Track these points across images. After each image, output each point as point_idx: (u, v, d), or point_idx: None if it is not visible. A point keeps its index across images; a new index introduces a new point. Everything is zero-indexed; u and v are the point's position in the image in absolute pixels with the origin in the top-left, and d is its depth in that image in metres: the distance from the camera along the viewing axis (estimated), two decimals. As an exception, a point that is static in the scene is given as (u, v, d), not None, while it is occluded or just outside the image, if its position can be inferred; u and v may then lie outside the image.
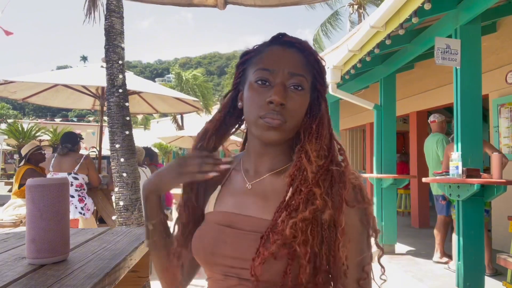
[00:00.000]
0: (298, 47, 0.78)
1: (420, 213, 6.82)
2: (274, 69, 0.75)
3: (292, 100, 0.74)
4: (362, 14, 15.66)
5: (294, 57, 0.77)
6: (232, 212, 0.78)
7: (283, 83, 0.74)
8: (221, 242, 0.75)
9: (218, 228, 0.77)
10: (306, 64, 0.78)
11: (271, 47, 0.79)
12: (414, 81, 6.59)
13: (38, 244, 0.87)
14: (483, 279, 3.10)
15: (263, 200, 0.77)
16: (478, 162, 3.14)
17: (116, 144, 2.70)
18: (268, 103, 0.73)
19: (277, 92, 0.72)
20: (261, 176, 0.80)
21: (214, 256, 0.75)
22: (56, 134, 11.47)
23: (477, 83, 3.23)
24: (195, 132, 10.57)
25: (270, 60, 0.76)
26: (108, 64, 2.78)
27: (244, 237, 0.73)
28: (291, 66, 0.76)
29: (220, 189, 0.84)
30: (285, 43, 0.78)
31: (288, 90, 0.74)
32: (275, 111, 0.72)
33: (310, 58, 0.78)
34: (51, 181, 0.90)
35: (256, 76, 0.76)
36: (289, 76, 0.75)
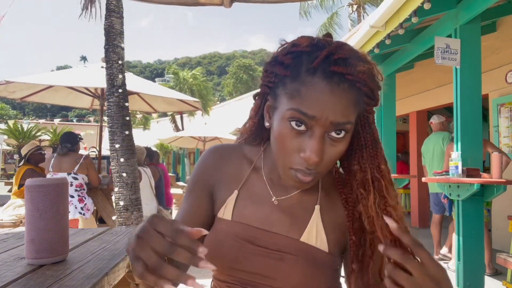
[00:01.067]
0: (351, 80, 0.60)
1: (420, 213, 6.82)
2: (315, 116, 0.59)
3: (329, 151, 0.62)
4: (362, 14, 15.66)
5: (342, 101, 0.60)
6: (256, 227, 0.72)
7: (322, 135, 0.61)
8: (242, 259, 0.70)
9: (240, 243, 0.71)
10: (357, 99, 0.62)
11: (313, 79, 0.60)
12: (414, 81, 6.59)
13: (37, 244, 0.87)
14: (483, 279, 3.10)
15: (290, 217, 0.72)
16: (478, 162, 3.14)
17: (116, 144, 2.70)
18: (302, 159, 0.62)
19: (314, 150, 0.60)
20: (288, 191, 0.74)
21: (233, 271, 0.71)
22: (56, 134, 11.48)
23: (477, 82, 3.23)
24: (195, 132, 10.53)
25: (312, 102, 0.59)
26: (108, 64, 2.78)
27: (268, 255, 0.70)
28: (337, 115, 0.60)
29: (238, 194, 0.75)
30: (334, 75, 0.59)
31: (326, 138, 0.62)
32: (307, 168, 0.62)
33: (363, 90, 0.62)
34: (50, 181, 0.89)
35: (293, 114, 0.61)
36: (332, 126, 0.61)
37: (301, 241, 0.70)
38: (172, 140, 11.52)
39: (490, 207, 3.87)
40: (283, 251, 0.69)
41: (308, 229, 0.70)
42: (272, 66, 0.66)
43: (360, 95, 0.62)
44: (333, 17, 16.85)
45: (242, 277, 0.70)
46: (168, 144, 14.70)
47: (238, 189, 0.75)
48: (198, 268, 0.46)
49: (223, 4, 2.32)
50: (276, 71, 0.65)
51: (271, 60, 0.67)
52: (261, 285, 0.69)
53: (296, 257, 0.68)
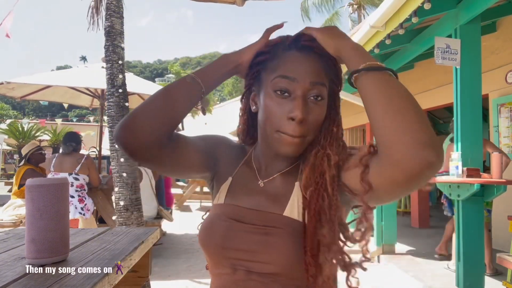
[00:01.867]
0: (317, 52, 0.75)
1: (420, 213, 6.82)
2: (295, 78, 0.73)
3: (312, 112, 0.73)
4: (362, 14, 15.67)
5: (314, 65, 0.75)
6: (243, 207, 0.79)
7: (304, 96, 0.73)
8: (232, 236, 0.75)
9: (230, 222, 0.77)
10: (325, 69, 0.76)
11: (289, 52, 0.76)
12: (414, 81, 6.59)
13: (38, 244, 0.87)
14: (483, 279, 3.10)
15: (273, 197, 0.79)
16: (478, 162, 3.14)
17: (116, 144, 2.71)
18: (288, 118, 0.72)
19: (299, 108, 0.71)
20: (273, 174, 0.82)
21: (224, 250, 0.76)
22: (56, 134, 11.49)
23: (477, 83, 3.23)
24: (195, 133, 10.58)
25: (290, 67, 0.74)
26: (108, 64, 2.78)
27: (255, 231, 0.75)
28: (312, 75, 0.73)
29: (231, 181, 0.84)
30: (304, 48, 0.76)
31: (308, 102, 0.73)
32: (294, 128, 0.72)
33: (329, 63, 0.77)
34: (50, 181, 0.90)
35: (275, 84, 0.74)
36: (310, 86, 0.73)
37: (284, 215, 0.75)
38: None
39: (490, 208, 3.87)
40: (268, 225, 0.74)
41: (290, 204, 0.76)
42: (253, 60, 0.80)
43: (327, 68, 0.76)
44: (333, 17, 16.84)
45: (233, 256, 0.75)
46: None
47: (232, 176, 0.84)
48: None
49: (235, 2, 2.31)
50: (257, 61, 0.80)
51: (253, 58, 0.81)
52: (251, 262, 0.73)
53: (281, 230, 0.73)
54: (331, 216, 0.70)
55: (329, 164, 0.72)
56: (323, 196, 0.71)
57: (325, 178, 0.72)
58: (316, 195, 0.71)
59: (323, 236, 0.69)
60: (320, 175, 0.73)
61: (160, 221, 4.69)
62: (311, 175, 0.73)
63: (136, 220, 2.70)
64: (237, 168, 0.86)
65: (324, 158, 0.73)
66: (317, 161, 0.74)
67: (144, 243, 1.19)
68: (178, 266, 4.10)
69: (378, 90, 0.64)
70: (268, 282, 0.72)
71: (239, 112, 0.90)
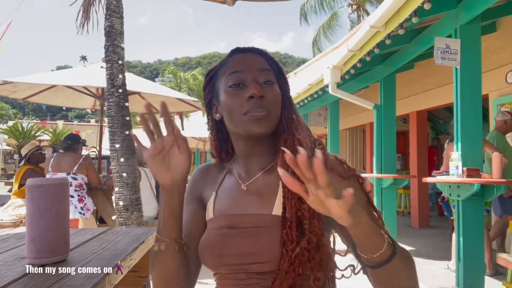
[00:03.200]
0: (257, 52, 0.85)
1: (420, 213, 6.82)
2: (243, 69, 0.80)
3: (268, 92, 0.79)
4: (361, 15, 15.66)
5: (257, 58, 0.83)
6: (232, 214, 0.81)
7: (255, 79, 0.79)
8: (226, 243, 0.77)
9: (222, 231, 0.79)
10: (268, 63, 0.84)
11: (232, 56, 0.84)
12: (414, 81, 6.59)
13: (38, 244, 0.87)
14: (483, 279, 3.10)
15: (259, 197, 0.80)
16: (478, 162, 3.14)
17: (116, 144, 2.70)
18: (248, 98, 0.77)
19: (254, 87, 0.77)
20: (254, 175, 0.84)
21: (221, 258, 0.77)
22: (56, 134, 11.48)
23: (477, 83, 3.23)
24: (195, 133, 10.55)
25: (237, 64, 0.82)
26: (108, 64, 2.78)
27: (248, 234, 0.76)
28: (258, 64, 0.81)
29: (216, 195, 0.87)
30: (244, 50, 0.85)
31: (262, 85, 0.79)
32: (257, 104, 0.76)
33: (269, 61, 0.85)
34: (51, 181, 0.90)
35: (228, 81, 0.80)
36: (259, 72, 0.80)
37: (273, 215, 0.77)
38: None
39: (489, 208, 3.87)
40: (259, 226, 0.76)
41: (277, 203, 0.77)
42: (206, 82, 0.89)
43: (269, 62, 0.84)
44: (333, 17, 16.84)
45: (230, 262, 0.76)
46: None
47: (215, 191, 0.87)
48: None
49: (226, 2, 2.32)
50: (209, 78, 0.88)
51: (204, 82, 0.89)
52: (248, 264, 0.75)
53: (270, 228, 0.75)
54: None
55: (303, 147, 0.72)
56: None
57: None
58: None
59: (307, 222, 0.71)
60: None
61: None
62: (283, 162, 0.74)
63: (136, 220, 2.70)
64: (219, 182, 0.89)
65: (295, 143, 0.77)
66: (289, 148, 0.76)
67: (144, 243, 1.19)
68: (178, 266, 4.09)
69: (390, 277, 0.68)
70: (269, 279, 0.73)
71: (208, 132, 0.93)
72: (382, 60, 5.09)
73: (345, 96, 5.32)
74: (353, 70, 4.93)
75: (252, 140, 0.81)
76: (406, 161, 9.34)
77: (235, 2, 2.33)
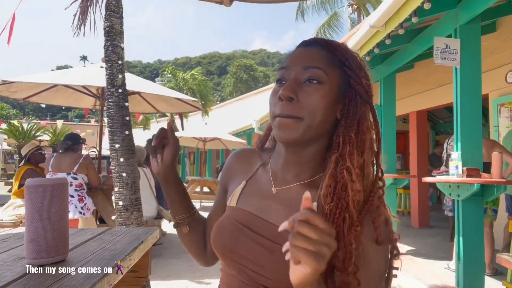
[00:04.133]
0: (323, 44, 0.74)
1: (420, 213, 6.82)
2: (289, 66, 0.73)
3: (306, 93, 0.69)
4: (361, 14, 15.66)
5: (313, 53, 0.73)
6: (254, 214, 0.76)
7: (296, 78, 0.70)
8: (239, 241, 0.75)
9: (238, 226, 0.76)
10: (329, 58, 0.72)
11: (295, 50, 0.77)
12: (414, 81, 6.59)
13: (37, 244, 0.87)
14: (483, 279, 3.10)
15: (287, 209, 0.73)
16: (478, 162, 3.14)
17: (116, 144, 2.70)
18: (278, 99, 0.69)
19: (285, 87, 0.68)
20: (289, 183, 0.76)
21: (231, 253, 0.75)
22: (56, 134, 11.50)
23: (477, 82, 3.23)
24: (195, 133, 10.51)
25: (291, 58, 0.74)
26: (107, 64, 2.78)
27: (262, 243, 0.72)
28: (307, 60, 0.71)
29: (245, 185, 0.82)
30: (309, 43, 0.76)
31: (302, 85, 0.70)
32: (285, 107, 0.68)
33: (337, 54, 0.73)
34: (50, 181, 0.89)
35: (277, 77, 0.75)
36: (303, 70, 0.71)
37: None
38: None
39: (497, 207, 3.84)
40: (276, 241, 0.70)
41: None
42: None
43: (334, 57, 0.72)
44: (332, 17, 16.83)
45: (238, 261, 0.74)
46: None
47: (246, 180, 0.83)
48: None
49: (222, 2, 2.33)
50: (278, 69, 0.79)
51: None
52: (254, 273, 0.72)
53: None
54: (349, 240, 0.63)
55: (351, 179, 0.66)
56: (344, 216, 0.65)
57: (347, 193, 0.65)
58: (338, 212, 0.65)
59: (337, 260, 0.63)
60: (342, 187, 0.66)
61: (160, 221, 4.69)
62: (333, 186, 0.67)
63: (136, 220, 2.70)
64: (252, 172, 0.84)
65: (344, 171, 0.66)
66: (338, 174, 0.67)
67: (144, 243, 1.19)
68: (178, 266, 4.10)
69: None
70: None
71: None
72: (382, 60, 5.09)
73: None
74: (353, 70, 4.91)
75: (289, 146, 0.73)
76: (406, 161, 9.34)
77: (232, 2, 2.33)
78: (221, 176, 0.93)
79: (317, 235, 0.51)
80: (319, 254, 0.51)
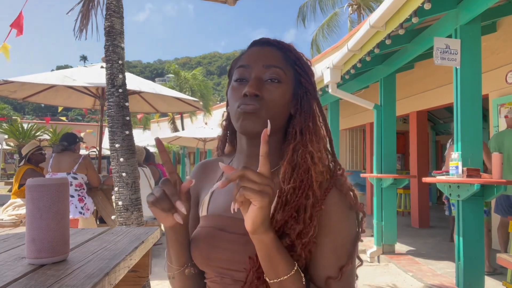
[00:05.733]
0: (276, 45, 0.79)
1: (420, 213, 6.83)
2: (249, 64, 0.77)
3: (268, 91, 0.74)
4: (362, 14, 15.67)
5: (270, 52, 0.78)
6: (225, 216, 0.79)
7: (258, 77, 0.75)
8: (215, 246, 0.76)
9: (213, 232, 0.78)
10: (285, 58, 0.78)
11: (250, 48, 0.81)
12: (414, 81, 6.59)
13: (38, 244, 0.87)
14: (483, 279, 3.10)
15: None
16: (478, 162, 3.14)
17: (116, 144, 2.70)
18: (243, 96, 0.74)
19: (251, 85, 0.73)
20: None
21: (209, 260, 0.77)
22: (56, 134, 11.50)
23: (477, 83, 3.23)
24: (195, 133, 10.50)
25: (247, 58, 0.78)
26: (108, 64, 2.78)
27: (236, 240, 0.74)
28: (266, 60, 0.76)
29: (212, 192, 0.85)
30: (263, 43, 0.80)
31: (264, 83, 0.75)
32: (248, 100, 0.73)
33: (289, 55, 0.79)
34: (51, 181, 0.89)
35: (235, 75, 0.79)
36: (264, 69, 0.75)
37: None
38: (172, 139, 11.52)
39: (488, 208, 3.86)
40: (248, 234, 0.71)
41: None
42: (228, 71, 0.87)
43: (288, 58, 0.78)
44: (332, 17, 16.84)
45: (218, 265, 0.76)
46: (168, 144, 14.70)
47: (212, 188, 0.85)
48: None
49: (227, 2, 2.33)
50: (231, 67, 0.85)
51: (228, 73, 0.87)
52: (234, 272, 0.74)
53: None
54: (312, 214, 0.68)
55: (313, 161, 0.71)
56: (307, 194, 0.69)
57: (310, 175, 0.71)
58: (300, 192, 0.70)
59: (293, 231, 0.67)
60: (304, 172, 0.71)
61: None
62: (291, 171, 0.72)
63: (136, 220, 2.70)
64: (217, 178, 0.87)
65: (307, 156, 0.72)
66: (299, 159, 0.72)
67: (144, 243, 1.19)
68: (178, 266, 4.09)
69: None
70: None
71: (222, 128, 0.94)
72: (382, 60, 5.10)
73: (345, 96, 5.32)
74: (353, 70, 4.93)
75: (252, 139, 0.77)
76: (406, 161, 9.35)
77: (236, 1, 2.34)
78: (191, 192, 0.91)
79: (259, 177, 0.60)
80: (263, 191, 0.59)
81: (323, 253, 0.69)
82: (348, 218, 0.72)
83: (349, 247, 0.71)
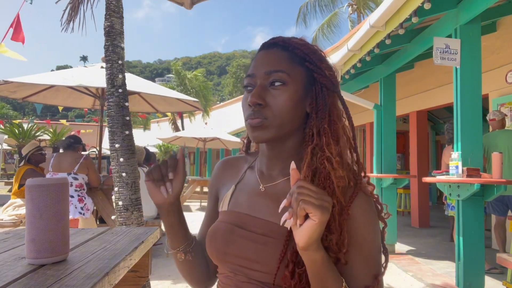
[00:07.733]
0: (281, 45, 0.77)
1: (420, 213, 6.82)
2: (253, 73, 0.76)
3: (273, 97, 0.73)
4: (362, 14, 15.67)
5: (273, 56, 0.76)
6: (245, 213, 0.79)
7: (261, 84, 0.74)
8: (232, 242, 0.77)
9: (231, 228, 0.78)
10: (290, 58, 0.75)
11: (258, 53, 0.80)
12: (414, 81, 6.59)
13: (38, 244, 0.87)
14: (483, 279, 3.10)
15: (275, 204, 0.74)
16: (478, 162, 3.14)
17: (116, 144, 2.70)
18: (249, 106, 0.74)
19: (253, 94, 0.73)
20: (275, 179, 0.80)
21: (225, 255, 0.77)
22: (56, 134, 11.49)
23: (477, 82, 3.23)
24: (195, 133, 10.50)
25: (253, 66, 0.77)
26: (108, 64, 2.78)
27: (255, 239, 0.75)
28: (268, 65, 0.74)
29: (234, 189, 0.86)
30: (270, 45, 0.78)
31: (269, 89, 0.74)
32: (254, 111, 0.73)
33: (297, 52, 0.76)
34: (50, 181, 0.89)
35: (244, 84, 0.79)
36: (266, 76, 0.74)
37: (282, 226, 0.72)
38: (172, 139, 11.52)
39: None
40: (267, 235, 0.73)
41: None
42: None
43: (295, 56, 0.75)
44: (332, 17, 16.84)
45: (233, 261, 0.76)
46: (169, 143, 14.70)
47: (235, 185, 0.86)
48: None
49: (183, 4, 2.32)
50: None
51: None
52: (249, 270, 0.74)
53: (277, 240, 0.72)
54: (340, 222, 0.67)
55: (333, 167, 0.69)
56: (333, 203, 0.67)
57: (331, 181, 0.69)
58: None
59: (330, 242, 0.66)
60: (325, 178, 0.70)
61: (160, 221, 4.69)
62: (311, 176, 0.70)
63: (136, 220, 2.70)
64: (240, 176, 0.87)
65: (325, 161, 0.70)
66: (318, 164, 0.71)
67: (144, 243, 1.19)
68: (178, 266, 4.09)
69: None
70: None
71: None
72: (382, 60, 5.10)
73: (345, 96, 5.25)
74: (353, 70, 4.93)
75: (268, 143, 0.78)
76: (406, 161, 9.34)
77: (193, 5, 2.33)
78: (210, 186, 0.95)
79: (317, 190, 0.58)
80: (322, 206, 0.58)
81: (356, 262, 0.68)
82: (375, 226, 0.72)
83: (377, 254, 0.71)
